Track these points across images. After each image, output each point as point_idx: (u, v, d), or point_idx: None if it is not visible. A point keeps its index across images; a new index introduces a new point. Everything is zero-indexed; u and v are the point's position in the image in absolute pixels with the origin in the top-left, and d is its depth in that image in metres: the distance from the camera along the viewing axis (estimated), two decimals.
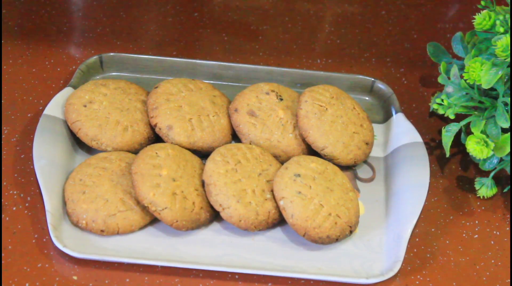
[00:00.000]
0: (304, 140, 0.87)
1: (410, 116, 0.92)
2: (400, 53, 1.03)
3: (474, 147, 0.81)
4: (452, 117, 0.83)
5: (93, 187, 0.80)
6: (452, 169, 0.90)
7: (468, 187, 0.89)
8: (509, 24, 0.80)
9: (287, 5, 1.06)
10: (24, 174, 0.84)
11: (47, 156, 0.83)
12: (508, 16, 0.81)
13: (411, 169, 0.86)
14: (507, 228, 0.85)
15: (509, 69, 0.79)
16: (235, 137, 0.89)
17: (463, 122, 0.84)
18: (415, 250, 0.83)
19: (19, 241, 0.79)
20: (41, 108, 0.89)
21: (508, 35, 0.77)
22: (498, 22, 0.80)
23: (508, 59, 0.77)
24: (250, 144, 0.86)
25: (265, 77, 0.95)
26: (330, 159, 0.86)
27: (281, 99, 0.89)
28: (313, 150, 0.87)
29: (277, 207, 0.81)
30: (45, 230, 0.79)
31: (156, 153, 0.82)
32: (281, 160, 0.87)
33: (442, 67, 0.85)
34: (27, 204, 0.82)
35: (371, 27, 1.04)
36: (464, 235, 0.85)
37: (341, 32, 1.03)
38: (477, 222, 0.86)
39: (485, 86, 0.79)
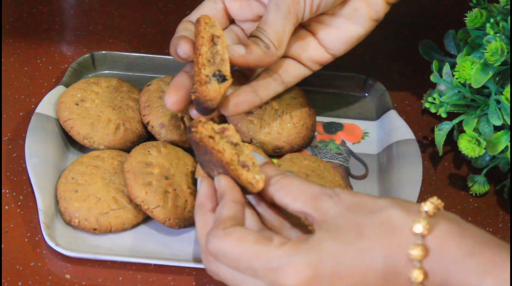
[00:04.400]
0: (302, 127, 0.87)
1: (402, 113, 0.92)
2: (392, 50, 1.03)
3: (466, 146, 0.81)
4: (444, 116, 0.83)
5: (86, 185, 0.80)
6: (445, 166, 0.90)
7: (460, 184, 0.89)
8: (500, 27, 0.80)
9: None
10: (16, 172, 0.84)
11: (39, 154, 0.83)
12: (499, 18, 0.81)
13: (404, 166, 0.86)
14: (500, 225, 0.86)
15: (500, 67, 0.79)
16: None
17: (455, 121, 0.84)
18: None
19: (11, 240, 0.79)
20: (33, 106, 0.89)
21: (498, 38, 0.77)
22: (488, 25, 0.80)
23: (497, 64, 0.77)
24: (251, 141, 0.86)
25: None
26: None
27: None
28: (310, 137, 0.89)
29: None
30: (37, 228, 0.79)
31: (149, 151, 0.82)
32: (284, 151, 0.87)
33: (434, 65, 0.85)
34: (19, 203, 0.81)
35: None
36: None
37: None
38: (470, 219, 0.86)
39: (475, 85, 0.79)
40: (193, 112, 0.77)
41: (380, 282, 0.61)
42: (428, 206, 0.61)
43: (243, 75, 0.81)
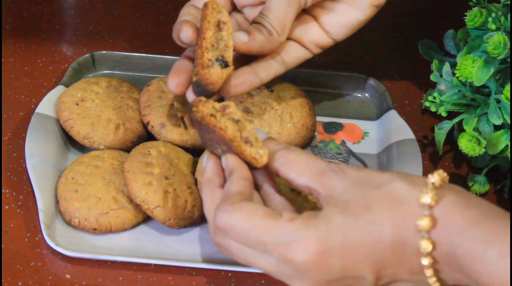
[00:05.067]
0: (302, 127, 0.87)
1: (402, 113, 0.92)
2: (392, 50, 1.03)
3: (466, 145, 0.81)
4: (444, 114, 0.83)
5: (86, 185, 0.80)
6: (445, 166, 0.90)
7: (461, 184, 0.88)
8: (501, 21, 0.80)
9: None
10: (16, 172, 0.84)
11: (39, 154, 0.83)
12: (500, 13, 0.81)
13: (404, 166, 0.86)
14: None
15: (501, 66, 0.79)
16: None
17: (455, 120, 0.84)
18: None
19: (11, 240, 0.79)
20: (33, 106, 0.89)
21: (500, 33, 0.77)
22: (490, 19, 0.80)
23: (500, 57, 0.77)
24: None
25: None
26: None
27: (272, 91, 0.89)
28: (310, 137, 0.89)
29: None
30: (37, 228, 0.79)
31: (149, 151, 0.82)
32: None
33: (434, 65, 0.85)
34: (19, 203, 0.81)
35: None
36: None
37: None
38: None
39: (476, 83, 0.79)
40: (190, 95, 0.76)
41: (389, 253, 0.61)
42: (435, 178, 0.62)
43: (245, 59, 0.81)
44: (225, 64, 0.74)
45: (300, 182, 0.66)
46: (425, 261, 0.61)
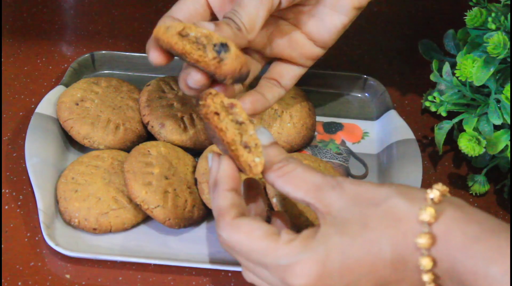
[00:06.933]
0: (302, 127, 0.87)
1: (402, 113, 0.93)
2: (392, 50, 1.03)
3: (466, 145, 0.81)
4: (444, 114, 0.83)
5: (86, 185, 0.80)
6: (445, 166, 0.90)
7: (460, 184, 0.89)
8: (501, 21, 0.80)
9: None
10: (16, 172, 0.84)
11: (39, 154, 0.83)
12: (500, 13, 0.81)
13: (404, 166, 0.86)
14: None
15: (501, 65, 0.79)
16: None
17: (455, 120, 0.84)
18: None
19: (11, 240, 0.79)
20: (33, 106, 0.89)
21: (500, 32, 0.78)
22: (490, 19, 0.80)
23: (500, 57, 0.77)
24: None
25: (258, 75, 0.94)
26: None
27: None
28: (310, 137, 0.89)
29: (270, 204, 0.81)
30: (37, 228, 0.79)
31: (148, 151, 0.82)
32: None
33: (434, 65, 0.85)
34: (19, 203, 0.81)
35: (363, 24, 1.04)
36: None
37: None
38: None
39: (477, 83, 0.79)
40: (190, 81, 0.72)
41: (389, 270, 0.61)
42: (434, 193, 0.61)
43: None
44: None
45: (296, 196, 0.66)
46: (426, 278, 0.61)
